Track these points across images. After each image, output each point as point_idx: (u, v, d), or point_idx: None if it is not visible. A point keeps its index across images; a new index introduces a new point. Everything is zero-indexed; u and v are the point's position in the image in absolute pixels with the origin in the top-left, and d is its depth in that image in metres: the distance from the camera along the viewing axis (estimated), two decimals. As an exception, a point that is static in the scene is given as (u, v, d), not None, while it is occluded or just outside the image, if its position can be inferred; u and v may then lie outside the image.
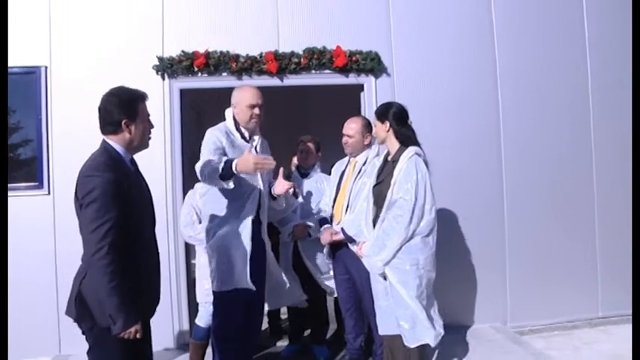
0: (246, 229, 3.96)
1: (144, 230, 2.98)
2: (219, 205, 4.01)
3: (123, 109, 2.90)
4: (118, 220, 2.70)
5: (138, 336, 2.79)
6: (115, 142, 2.93)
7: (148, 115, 3.05)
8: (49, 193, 5.39)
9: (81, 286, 2.81)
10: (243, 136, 4.11)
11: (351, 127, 4.50)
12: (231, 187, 3.77)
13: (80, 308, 2.81)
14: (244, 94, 4.09)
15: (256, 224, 4.05)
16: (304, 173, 5.19)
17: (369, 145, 4.54)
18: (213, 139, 3.94)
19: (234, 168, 3.63)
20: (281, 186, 4.14)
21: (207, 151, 3.88)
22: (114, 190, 2.71)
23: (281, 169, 4.16)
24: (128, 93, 2.96)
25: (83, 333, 2.90)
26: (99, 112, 2.93)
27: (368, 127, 4.54)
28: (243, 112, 4.07)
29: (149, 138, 3.06)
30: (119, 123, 2.90)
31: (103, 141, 2.94)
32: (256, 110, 4.07)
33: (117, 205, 2.71)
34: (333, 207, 4.58)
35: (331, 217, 4.58)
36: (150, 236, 3.05)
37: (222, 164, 3.67)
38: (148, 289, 3.02)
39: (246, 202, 4.00)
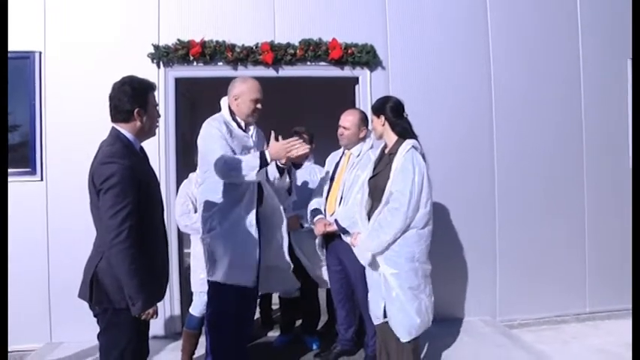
0: (248, 219, 3.96)
1: (155, 215, 3.08)
2: (217, 194, 3.98)
3: (135, 98, 2.99)
4: (135, 205, 2.81)
5: (155, 317, 2.95)
6: (126, 130, 3.01)
7: (156, 104, 3.15)
8: (42, 180, 5.34)
9: (97, 269, 2.90)
10: (239, 126, 4.10)
11: (348, 120, 4.49)
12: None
13: (96, 291, 2.91)
14: (250, 87, 4.08)
15: (256, 214, 4.04)
16: (297, 164, 5.16)
17: (364, 139, 4.54)
18: (216, 132, 3.92)
19: (268, 158, 3.78)
20: (277, 148, 3.87)
21: (219, 146, 3.86)
22: (131, 176, 2.81)
23: (272, 133, 4.00)
24: (140, 82, 3.04)
25: (95, 316, 3.00)
26: (110, 101, 3.01)
27: (364, 120, 4.54)
28: (245, 105, 4.07)
29: (156, 126, 3.16)
30: (131, 112, 2.98)
31: (114, 129, 3.02)
32: (259, 105, 4.09)
33: (134, 190, 2.81)
34: (326, 198, 4.57)
35: (325, 207, 4.57)
36: (160, 221, 3.14)
37: (257, 160, 3.77)
38: (161, 271, 3.13)
39: (246, 191, 3.99)
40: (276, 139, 3.92)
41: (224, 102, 4.16)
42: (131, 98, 2.97)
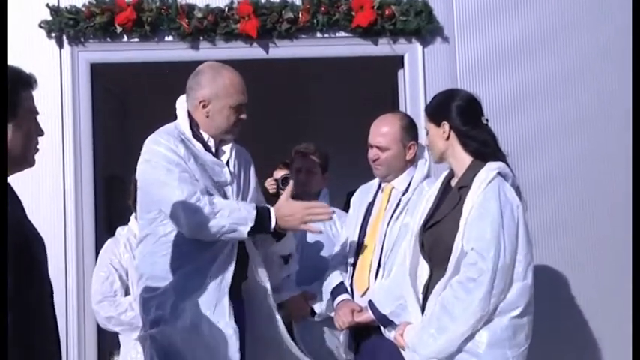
0: (221, 302, 3.99)
1: (44, 301, 2.88)
2: (168, 260, 4.01)
3: None
4: (16, 284, 2.63)
5: None
6: None
7: (36, 112, 2.93)
8: None
9: None
10: (206, 146, 4.16)
11: (383, 133, 4.48)
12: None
13: None
14: (228, 86, 4.13)
15: (236, 293, 4.12)
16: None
17: (413, 161, 4.52)
18: (168, 156, 3.98)
19: (273, 224, 3.98)
20: (292, 211, 4.10)
21: (176, 179, 3.94)
22: (13, 238, 2.65)
23: (290, 185, 4.24)
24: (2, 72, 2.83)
25: None
26: None
27: (410, 130, 4.54)
28: (222, 116, 4.13)
29: (36, 150, 2.95)
30: None
31: None
32: (243, 114, 4.17)
33: (16, 261, 2.64)
34: (354, 266, 4.53)
35: (351, 282, 4.54)
36: (51, 310, 2.93)
37: (251, 214, 3.93)
38: None
39: (219, 253, 4.03)
40: (293, 196, 4.08)
41: (181, 105, 4.22)
42: None
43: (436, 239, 3.87)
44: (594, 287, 5.80)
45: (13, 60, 2.96)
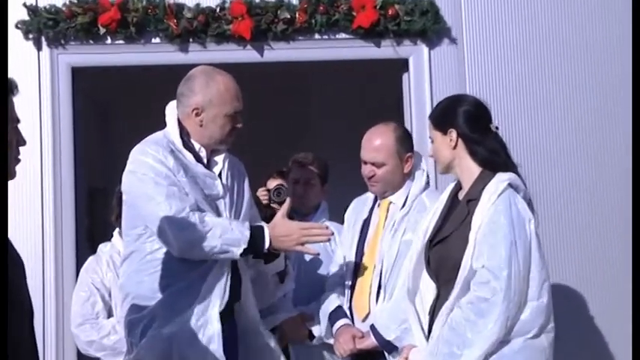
0: (211, 325, 3.97)
1: (20, 327, 2.79)
2: (156, 279, 4.00)
3: None
4: None
5: None
6: None
7: (17, 120, 2.85)
8: None
9: None
10: (197, 156, 4.14)
11: (377, 148, 4.47)
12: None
13: None
14: (223, 93, 4.12)
15: (228, 314, 4.07)
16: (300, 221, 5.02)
17: (410, 174, 4.52)
18: (156, 168, 3.96)
19: (267, 244, 3.97)
20: (287, 231, 4.09)
21: (163, 193, 3.92)
22: None
23: (287, 203, 4.23)
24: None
25: None
26: None
27: (406, 140, 4.57)
28: (216, 125, 4.11)
29: (17, 161, 2.84)
30: None
31: None
32: (239, 123, 4.16)
33: None
34: (352, 287, 4.54)
35: (350, 305, 4.55)
36: (29, 333, 2.87)
37: (244, 234, 3.91)
38: None
39: (209, 272, 4.01)
40: (288, 215, 4.10)
41: (171, 113, 4.21)
42: None
43: (443, 256, 3.85)
44: (604, 304, 5.81)
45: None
